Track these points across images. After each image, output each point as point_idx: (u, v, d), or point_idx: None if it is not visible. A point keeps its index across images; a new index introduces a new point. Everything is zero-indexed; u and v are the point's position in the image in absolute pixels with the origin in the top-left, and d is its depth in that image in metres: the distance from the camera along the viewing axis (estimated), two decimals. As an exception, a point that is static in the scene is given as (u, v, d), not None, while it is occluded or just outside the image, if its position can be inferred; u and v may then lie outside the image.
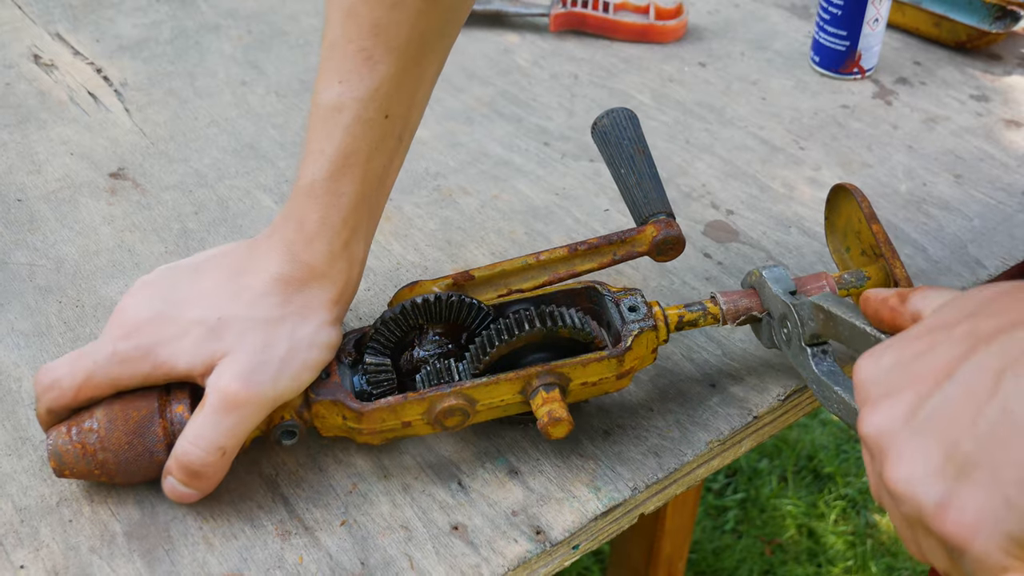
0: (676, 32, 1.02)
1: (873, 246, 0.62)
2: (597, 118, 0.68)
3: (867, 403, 0.41)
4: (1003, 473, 0.35)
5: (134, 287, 0.58)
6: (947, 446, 0.37)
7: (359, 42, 0.56)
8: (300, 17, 1.04)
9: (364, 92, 0.56)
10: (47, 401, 0.55)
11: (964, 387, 0.37)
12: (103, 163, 0.83)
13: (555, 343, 0.57)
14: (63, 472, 0.54)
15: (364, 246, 0.59)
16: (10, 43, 0.98)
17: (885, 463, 0.39)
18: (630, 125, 0.67)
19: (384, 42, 0.56)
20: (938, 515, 0.36)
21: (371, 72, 0.56)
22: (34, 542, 0.54)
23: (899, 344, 0.42)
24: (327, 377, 0.56)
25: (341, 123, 0.56)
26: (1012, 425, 0.35)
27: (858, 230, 0.63)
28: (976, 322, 0.39)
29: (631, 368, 0.58)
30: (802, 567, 1.69)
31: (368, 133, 0.57)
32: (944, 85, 0.95)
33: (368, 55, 0.56)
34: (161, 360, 0.54)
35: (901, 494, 0.38)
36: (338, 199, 0.57)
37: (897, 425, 0.39)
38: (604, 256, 0.62)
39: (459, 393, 0.55)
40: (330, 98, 0.56)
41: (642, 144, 0.67)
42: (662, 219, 0.63)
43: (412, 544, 0.55)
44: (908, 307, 0.47)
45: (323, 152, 0.56)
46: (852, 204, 0.63)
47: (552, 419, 0.55)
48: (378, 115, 0.57)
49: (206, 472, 0.53)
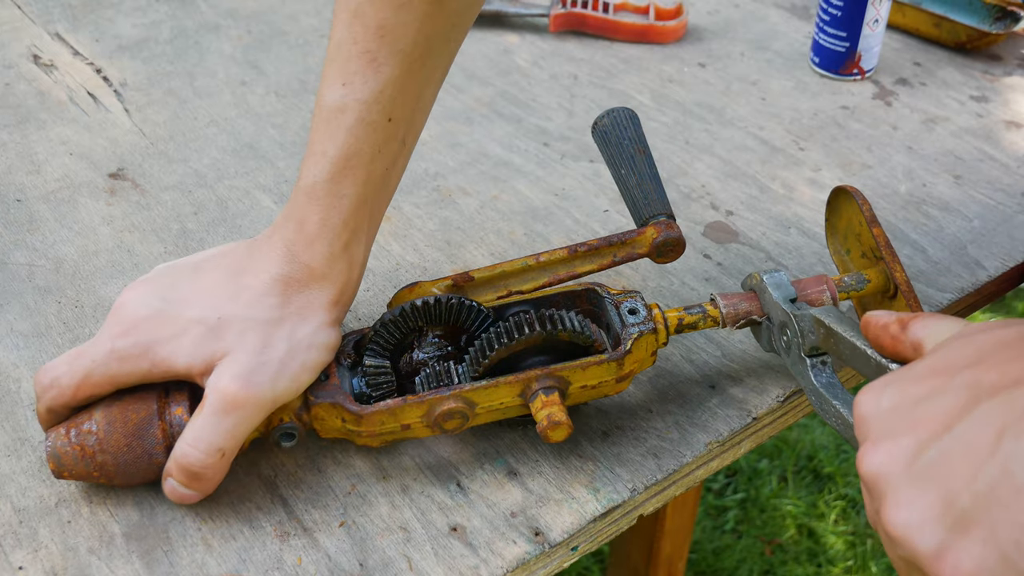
0: (676, 33, 1.02)
1: (873, 249, 0.62)
2: (598, 118, 0.68)
3: (867, 440, 0.41)
4: (1001, 532, 0.35)
5: (132, 284, 0.58)
6: (946, 497, 0.37)
7: (364, 44, 0.56)
8: (300, 17, 1.04)
9: (367, 94, 0.56)
10: (47, 400, 0.55)
11: (965, 441, 0.38)
12: (102, 163, 0.83)
13: (555, 346, 0.57)
14: (62, 474, 0.54)
15: (365, 248, 0.59)
16: (10, 43, 0.98)
17: (883, 504, 0.39)
18: (631, 125, 0.67)
19: (389, 44, 0.56)
20: (935, 563, 0.37)
21: (375, 74, 0.56)
22: (33, 543, 0.54)
23: (900, 384, 0.42)
24: (326, 379, 0.56)
25: (343, 125, 0.56)
26: (1012, 486, 0.36)
27: (859, 232, 0.63)
28: (979, 372, 0.39)
29: (630, 371, 0.58)
30: (802, 567, 1.69)
31: (371, 136, 0.57)
32: (944, 86, 0.95)
33: (372, 57, 0.56)
34: (160, 358, 0.54)
35: (899, 537, 0.38)
36: (339, 201, 0.56)
37: (897, 468, 0.39)
38: (604, 258, 0.62)
39: (458, 396, 0.55)
40: (333, 99, 0.56)
41: (643, 144, 0.67)
42: (662, 221, 0.62)
43: (411, 545, 0.55)
44: (909, 335, 0.47)
45: (325, 154, 0.56)
46: (853, 207, 0.63)
47: (551, 423, 0.55)
48: (381, 118, 0.56)
49: (205, 473, 0.53)
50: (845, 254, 0.66)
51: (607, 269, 0.63)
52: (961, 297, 0.72)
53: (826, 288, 0.60)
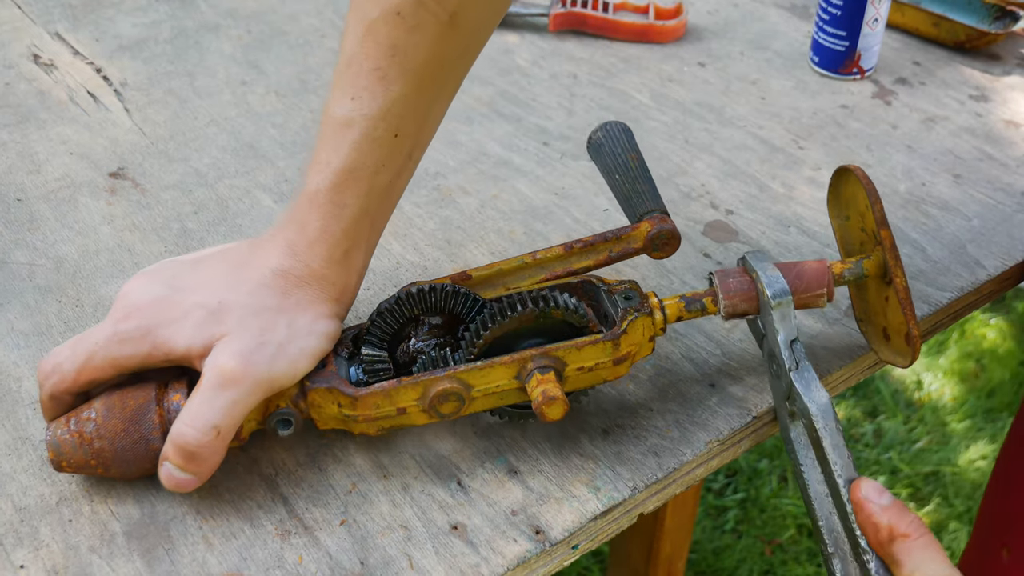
0: (676, 32, 1.02)
1: (873, 231, 0.61)
2: (592, 132, 0.69)
3: None
4: None
5: (137, 275, 0.58)
6: None
7: (375, 61, 0.55)
8: (300, 17, 1.04)
9: (375, 111, 0.56)
10: (49, 387, 0.55)
11: None
12: (103, 163, 0.83)
13: (550, 329, 0.57)
14: (61, 464, 0.55)
15: (365, 256, 0.59)
16: (10, 43, 0.98)
17: None
18: (623, 136, 0.68)
19: (400, 63, 0.56)
20: None
21: (384, 92, 0.56)
22: (34, 542, 0.54)
23: None
24: (323, 368, 0.57)
25: (349, 138, 0.56)
26: None
27: (862, 213, 0.62)
28: None
29: (628, 353, 0.57)
30: (802, 567, 1.69)
31: (376, 150, 0.57)
32: (943, 85, 0.95)
33: (383, 75, 0.55)
34: (161, 340, 0.54)
35: None
36: (340, 210, 0.57)
37: None
38: (600, 253, 0.63)
39: (453, 377, 0.55)
40: (341, 112, 0.56)
41: (636, 152, 0.67)
42: (656, 215, 0.63)
43: (411, 544, 0.55)
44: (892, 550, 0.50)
45: (329, 164, 0.56)
46: (860, 193, 0.62)
47: (547, 398, 0.54)
48: (387, 134, 0.56)
49: (201, 453, 0.53)
50: (844, 219, 0.65)
51: (604, 266, 0.63)
52: (960, 296, 0.72)
53: (825, 292, 0.59)
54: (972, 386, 2.02)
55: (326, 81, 0.94)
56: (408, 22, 0.55)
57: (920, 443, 1.90)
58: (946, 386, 2.02)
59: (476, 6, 0.57)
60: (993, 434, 1.92)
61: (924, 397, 2.01)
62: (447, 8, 0.55)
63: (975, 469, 1.86)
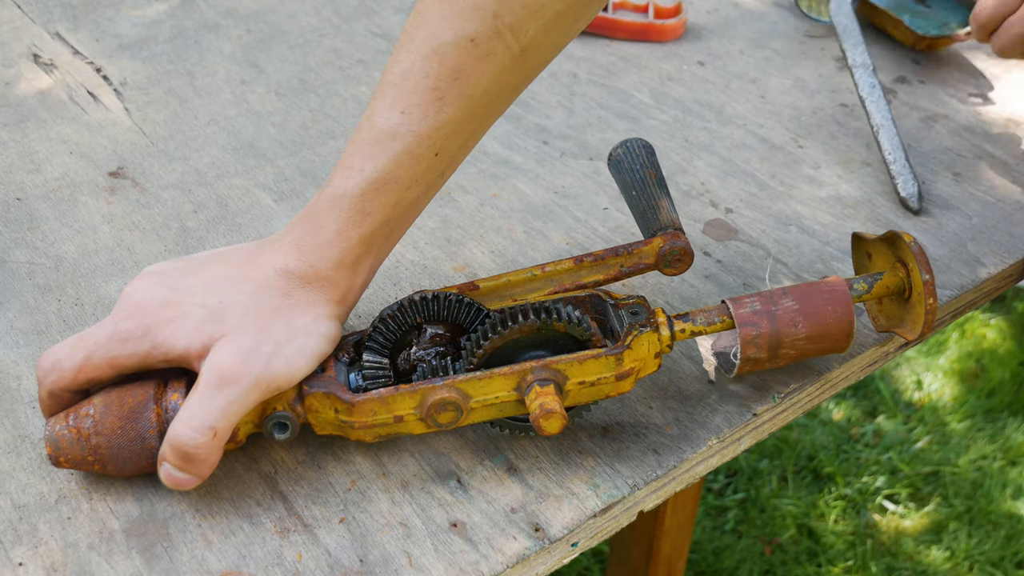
0: (675, 31, 1.02)
1: (905, 282, 0.60)
2: (612, 149, 0.69)
3: None
4: None
5: (140, 274, 0.58)
6: None
7: (435, 81, 0.55)
8: (300, 16, 1.04)
9: (424, 129, 0.56)
10: (48, 384, 0.55)
11: None
12: (102, 162, 0.83)
13: (553, 341, 0.57)
14: (59, 459, 0.55)
15: (374, 264, 0.59)
16: (10, 42, 0.98)
17: None
18: (643, 153, 0.68)
19: (460, 88, 0.55)
20: None
21: (437, 112, 0.55)
22: (33, 539, 0.54)
23: None
24: (322, 372, 0.56)
25: (390, 150, 0.56)
26: None
27: (896, 269, 0.61)
28: None
29: (631, 369, 0.57)
30: (802, 567, 1.69)
31: (414, 166, 0.56)
32: (943, 84, 0.95)
33: (440, 95, 0.55)
34: (160, 339, 0.54)
35: None
36: (362, 217, 0.56)
37: None
38: (611, 268, 0.62)
39: (451, 386, 0.55)
40: (386, 124, 0.56)
41: (655, 168, 0.67)
42: (670, 232, 0.62)
43: (411, 541, 0.55)
44: None
45: (362, 171, 0.56)
46: (914, 271, 0.60)
47: (544, 411, 0.54)
48: (429, 152, 0.56)
49: (198, 454, 0.53)
50: (866, 258, 0.65)
51: (615, 281, 0.63)
52: (961, 294, 0.72)
53: None
54: (972, 386, 2.02)
55: (326, 81, 0.94)
56: (480, 50, 0.55)
57: (920, 443, 1.90)
58: (946, 386, 2.02)
59: (548, 41, 0.57)
60: (993, 434, 1.92)
61: (924, 397, 2.01)
62: (521, 42, 0.55)
63: (975, 469, 1.86)
